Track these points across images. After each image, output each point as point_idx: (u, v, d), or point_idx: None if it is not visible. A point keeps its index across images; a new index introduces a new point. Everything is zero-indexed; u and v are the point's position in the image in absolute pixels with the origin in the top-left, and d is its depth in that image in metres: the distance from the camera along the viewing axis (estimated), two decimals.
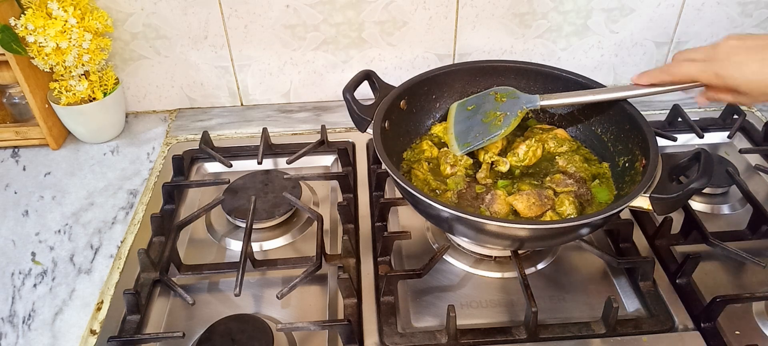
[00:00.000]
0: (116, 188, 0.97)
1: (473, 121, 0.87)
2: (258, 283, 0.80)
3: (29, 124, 1.05)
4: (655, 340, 0.70)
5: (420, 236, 0.86)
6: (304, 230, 0.89)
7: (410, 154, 0.89)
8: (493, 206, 0.78)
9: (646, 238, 0.84)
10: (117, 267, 0.83)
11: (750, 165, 0.99)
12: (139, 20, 1.04)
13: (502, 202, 0.78)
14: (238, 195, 0.91)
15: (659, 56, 1.15)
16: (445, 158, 0.85)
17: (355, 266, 0.81)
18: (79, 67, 0.98)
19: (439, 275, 0.80)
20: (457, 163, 0.84)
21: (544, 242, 0.76)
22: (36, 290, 0.80)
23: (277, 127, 1.09)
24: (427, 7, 1.05)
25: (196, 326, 0.74)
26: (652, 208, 0.68)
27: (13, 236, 0.89)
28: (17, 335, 0.74)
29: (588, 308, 0.75)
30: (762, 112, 1.11)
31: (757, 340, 0.71)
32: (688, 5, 1.09)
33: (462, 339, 0.71)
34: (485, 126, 0.85)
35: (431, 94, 0.92)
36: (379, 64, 1.12)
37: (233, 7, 1.03)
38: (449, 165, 0.84)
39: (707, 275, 0.79)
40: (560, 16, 1.08)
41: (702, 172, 0.66)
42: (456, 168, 0.84)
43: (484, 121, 0.85)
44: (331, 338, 0.72)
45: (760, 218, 0.83)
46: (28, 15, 0.90)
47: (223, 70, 1.12)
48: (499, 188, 0.81)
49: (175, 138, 1.09)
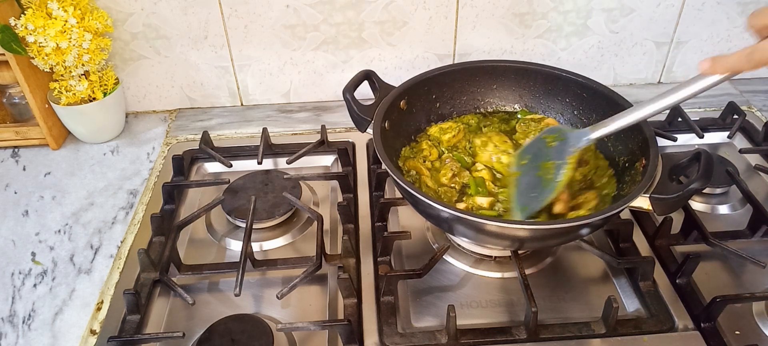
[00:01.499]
0: (116, 188, 0.97)
1: (529, 176, 0.79)
2: (258, 283, 0.80)
3: (29, 124, 1.05)
4: (655, 340, 0.70)
5: (420, 236, 0.86)
6: (304, 230, 0.89)
7: (408, 152, 0.88)
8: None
9: (646, 238, 0.84)
10: (117, 267, 0.83)
11: (750, 165, 0.99)
12: (139, 20, 1.04)
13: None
14: (238, 195, 0.91)
15: (659, 56, 1.15)
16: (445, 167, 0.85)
17: (355, 266, 0.81)
18: (79, 67, 0.98)
19: (439, 275, 0.80)
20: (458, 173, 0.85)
21: (543, 242, 0.76)
22: (36, 290, 0.80)
23: (277, 127, 1.09)
24: (427, 7, 1.05)
25: (196, 326, 0.74)
26: (652, 208, 0.68)
27: (13, 236, 0.89)
28: (17, 335, 0.74)
29: (588, 308, 0.75)
30: (762, 113, 1.11)
31: (757, 340, 0.71)
32: (688, 5, 1.09)
33: (462, 339, 0.71)
34: (539, 181, 0.77)
35: (431, 94, 0.92)
36: (379, 64, 1.12)
37: (233, 7, 1.03)
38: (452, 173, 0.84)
39: (707, 275, 0.79)
40: (560, 16, 1.08)
41: (702, 172, 0.66)
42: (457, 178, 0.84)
43: (538, 175, 0.78)
44: (331, 338, 0.72)
45: (760, 218, 0.83)
46: (28, 15, 0.90)
47: (223, 70, 1.12)
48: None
49: (175, 138, 1.09)
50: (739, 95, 1.16)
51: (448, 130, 0.90)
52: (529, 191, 0.77)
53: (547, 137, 0.80)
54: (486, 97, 0.95)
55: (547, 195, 0.75)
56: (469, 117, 0.95)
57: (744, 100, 1.14)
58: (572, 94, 0.91)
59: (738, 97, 1.15)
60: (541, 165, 0.78)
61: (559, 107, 0.93)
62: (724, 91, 1.16)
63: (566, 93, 0.91)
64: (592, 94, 0.88)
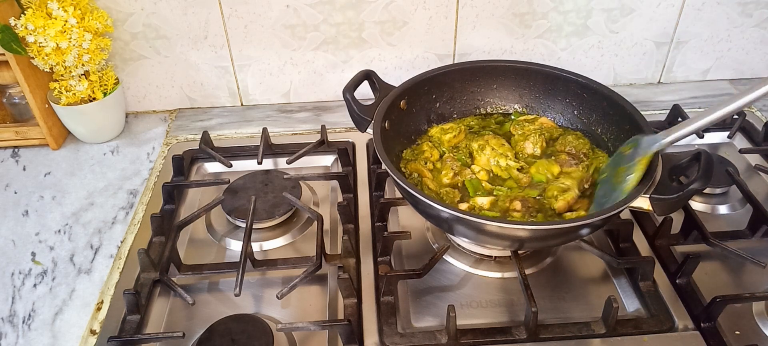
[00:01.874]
0: (116, 188, 0.97)
1: (605, 186, 0.79)
2: (258, 283, 0.80)
3: (29, 124, 1.05)
4: (655, 340, 0.70)
5: (420, 236, 0.86)
6: (304, 230, 0.89)
7: (410, 154, 0.88)
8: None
9: (646, 238, 0.84)
10: (117, 267, 0.83)
11: (750, 165, 0.99)
12: (139, 20, 1.04)
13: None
14: (238, 195, 0.91)
15: (659, 56, 1.15)
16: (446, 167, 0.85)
17: (355, 266, 0.81)
18: (79, 67, 0.98)
19: (439, 275, 0.80)
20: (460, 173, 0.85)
21: (543, 242, 0.76)
22: (36, 290, 0.80)
23: (277, 127, 1.09)
24: (427, 7, 1.05)
25: (196, 326, 0.74)
26: (652, 208, 0.68)
27: (13, 236, 0.89)
28: (17, 335, 0.74)
29: (588, 308, 0.75)
30: (762, 112, 1.11)
31: (757, 340, 0.71)
32: (688, 5, 1.09)
33: (462, 339, 0.71)
34: (611, 186, 0.77)
35: (431, 94, 0.92)
36: (379, 64, 1.12)
37: (233, 7, 1.03)
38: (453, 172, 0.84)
39: (707, 275, 0.79)
40: (560, 16, 1.08)
41: (702, 172, 0.66)
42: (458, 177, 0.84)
43: (613, 182, 0.77)
44: (331, 338, 0.72)
45: (760, 218, 0.83)
46: (28, 15, 0.90)
47: (223, 70, 1.12)
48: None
49: (175, 138, 1.09)
50: (739, 95, 1.15)
51: (449, 130, 0.90)
52: (601, 197, 0.78)
53: (624, 148, 0.79)
54: (486, 97, 0.95)
55: (615, 197, 0.73)
56: (470, 119, 0.95)
57: None
58: (572, 94, 0.91)
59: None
60: (616, 171, 0.77)
61: (559, 107, 0.93)
62: (724, 92, 1.16)
63: (566, 93, 0.91)
64: (592, 94, 0.88)
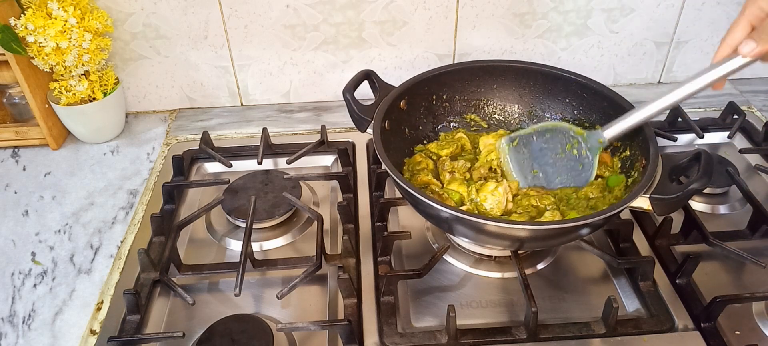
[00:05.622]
0: (116, 188, 0.97)
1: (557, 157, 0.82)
2: (258, 283, 0.80)
3: (29, 124, 1.05)
4: (655, 340, 0.70)
5: (420, 236, 0.86)
6: (304, 230, 0.89)
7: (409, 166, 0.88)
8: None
9: (646, 238, 0.84)
10: (117, 267, 0.83)
11: (750, 165, 0.99)
12: (139, 20, 1.04)
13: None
14: (238, 195, 0.91)
15: (659, 56, 1.15)
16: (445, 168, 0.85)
17: (355, 266, 0.81)
18: (79, 67, 0.98)
19: (439, 275, 0.80)
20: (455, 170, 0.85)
21: (544, 242, 0.76)
22: (36, 290, 0.80)
23: (277, 127, 1.09)
24: (427, 7, 1.05)
25: (196, 326, 0.74)
26: (652, 208, 0.68)
27: (13, 236, 0.89)
28: (17, 335, 0.74)
29: (588, 308, 0.75)
30: (762, 112, 1.11)
31: (757, 340, 0.71)
32: (688, 5, 1.09)
33: (462, 339, 0.71)
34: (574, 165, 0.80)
35: (431, 94, 0.92)
36: (379, 64, 1.12)
37: (233, 7, 1.03)
38: (448, 172, 0.84)
39: (707, 275, 0.79)
40: (560, 16, 1.08)
41: (702, 172, 0.66)
42: (455, 173, 0.84)
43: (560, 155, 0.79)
44: (331, 338, 0.72)
45: (760, 218, 0.83)
46: (28, 15, 0.90)
47: (223, 70, 1.12)
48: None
49: (175, 138, 1.09)
50: (739, 95, 1.16)
51: (445, 146, 0.90)
52: (567, 170, 0.81)
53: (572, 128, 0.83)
54: (486, 97, 0.95)
55: (581, 184, 0.80)
56: (471, 115, 0.95)
57: (744, 100, 1.14)
58: (572, 94, 0.91)
59: (738, 97, 1.15)
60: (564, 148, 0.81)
61: (559, 107, 0.93)
62: (724, 91, 1.16)
63: (566, 93, 0.91)
64: (592, 94, 0.88)
